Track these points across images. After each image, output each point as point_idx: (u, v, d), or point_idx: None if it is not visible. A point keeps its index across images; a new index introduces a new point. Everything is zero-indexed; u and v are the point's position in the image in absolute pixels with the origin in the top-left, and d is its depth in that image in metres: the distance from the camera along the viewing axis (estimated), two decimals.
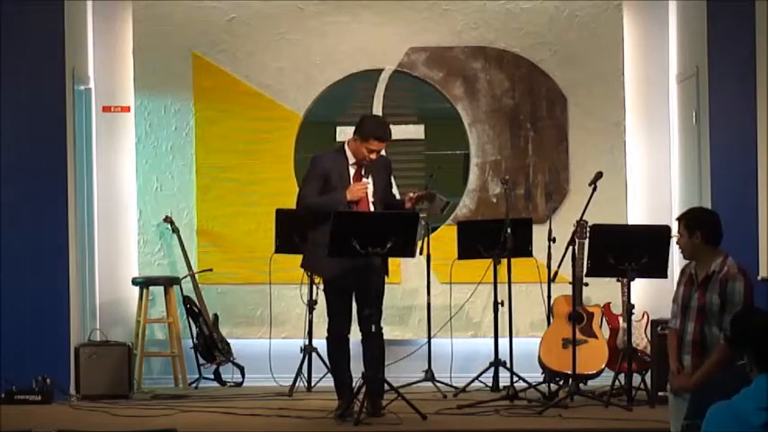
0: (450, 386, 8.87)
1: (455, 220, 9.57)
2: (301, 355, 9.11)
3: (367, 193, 7.81)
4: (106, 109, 9.87)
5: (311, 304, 9.06)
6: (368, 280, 7.62)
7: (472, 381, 8.85)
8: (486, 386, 8.85)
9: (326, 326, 7.86)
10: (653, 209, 9.83)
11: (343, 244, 7.48)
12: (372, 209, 7.80)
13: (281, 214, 9.05)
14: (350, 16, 9.85)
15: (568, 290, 8.73)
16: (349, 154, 7.83)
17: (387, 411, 7.73)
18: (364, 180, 7.79)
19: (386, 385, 7.82)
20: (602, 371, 8.84)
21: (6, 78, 8.83)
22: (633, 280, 8.20)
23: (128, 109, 9.86)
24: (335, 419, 7.73)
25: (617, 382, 8.33)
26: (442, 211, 8.28)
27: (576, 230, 8.50)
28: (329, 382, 8.20)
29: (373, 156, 7.76)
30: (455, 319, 9.50)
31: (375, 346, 7.77)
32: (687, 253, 5.96)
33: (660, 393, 8.25)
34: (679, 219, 6.09)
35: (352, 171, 7.82)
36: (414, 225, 7.72)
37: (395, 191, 8.44)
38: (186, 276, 9.60)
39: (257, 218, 9.67)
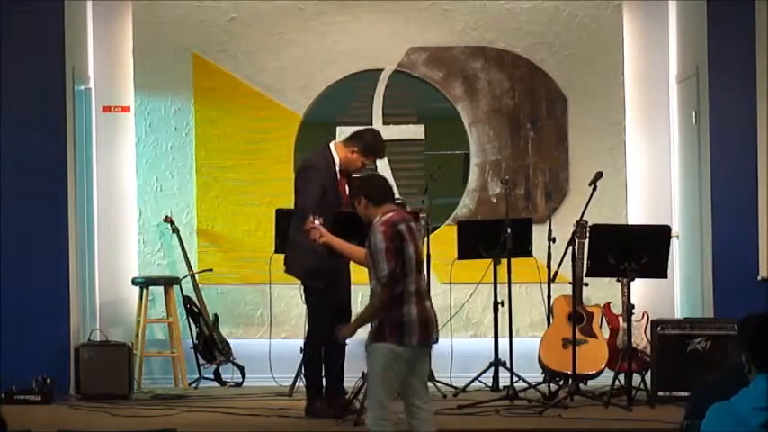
0: (451, 386, 8.85)
1: (455, 220, 9.57)
2: (301, 354, 9.10)
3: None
4: (106, 109, 9.87)
5: None
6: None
7: (472, 381, 8.84)
8: (486, 386, 8.84)
9: (315, 330, 7.89)
10: (653, 209, 9.82)
11: None
12: None
13: (281, 214, 9.04)
14: (350, 16, 9.85)
15: (568, 290, 8.72)
16: (336, 158, 7.82)
17: None
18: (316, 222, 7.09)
19: None
20: (602, 371, 8.82)
21: (6, 78, 8.83)
22: (633, 280, 8.22)
23: (128, 109, 9.86)
24: (334, 419, 7.73)
25: (617, 382, 8.32)
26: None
27: (575, 230, 8.49)
28: None
29: (363, 167, 7.86)
30: (455, 319, 9.48)
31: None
32: (364, 218, 6.31)
33: (660, 393, 8.27)
34: None
35: (339, 176, 7.84)
36: None
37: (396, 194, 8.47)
38: (186, 276, 9.60)
39: (257, 218, 9.68)
